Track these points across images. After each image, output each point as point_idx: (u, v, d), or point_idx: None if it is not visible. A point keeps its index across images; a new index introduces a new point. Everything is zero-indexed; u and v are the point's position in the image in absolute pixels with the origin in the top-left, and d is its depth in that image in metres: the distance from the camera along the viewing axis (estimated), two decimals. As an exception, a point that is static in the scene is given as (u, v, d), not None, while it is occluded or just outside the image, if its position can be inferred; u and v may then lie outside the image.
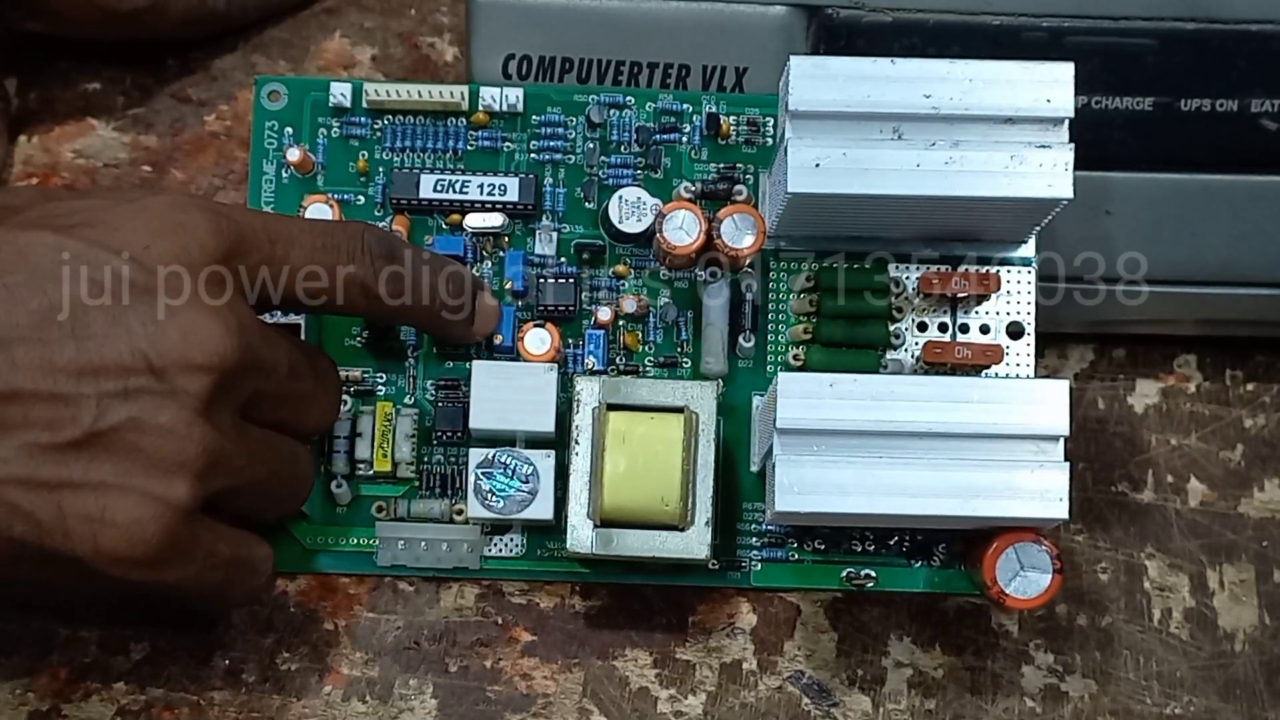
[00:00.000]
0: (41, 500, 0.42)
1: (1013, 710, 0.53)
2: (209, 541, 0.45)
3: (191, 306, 0.43)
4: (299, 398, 0.48)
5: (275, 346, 0.46)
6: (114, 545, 0.43)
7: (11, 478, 0.42)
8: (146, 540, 0.43)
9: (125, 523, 0.43)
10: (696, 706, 0.52)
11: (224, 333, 0.43)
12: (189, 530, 0.44)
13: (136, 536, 0.43)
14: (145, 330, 0.42)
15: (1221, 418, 0.56)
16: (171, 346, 0.43)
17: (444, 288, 0.49)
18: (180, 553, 0.44)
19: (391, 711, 0.52)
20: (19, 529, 0.43)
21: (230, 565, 0.47)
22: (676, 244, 0.51)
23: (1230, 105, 0.53)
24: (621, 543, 0.49)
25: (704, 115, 0.53)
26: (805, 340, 0.52)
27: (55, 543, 0.43)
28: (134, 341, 0.42)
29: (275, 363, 0.46)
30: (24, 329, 0.42)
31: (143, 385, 0.42)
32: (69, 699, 0.51)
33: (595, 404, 0.50)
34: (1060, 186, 0.47)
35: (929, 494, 0.47)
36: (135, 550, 0.43)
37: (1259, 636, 0.54)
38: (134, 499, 0.43)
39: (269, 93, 0.54)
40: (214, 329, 0.43)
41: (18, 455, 0.42)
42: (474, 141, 0.54)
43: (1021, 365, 0.52)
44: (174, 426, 0.43)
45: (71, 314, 0.42)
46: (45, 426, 0.42)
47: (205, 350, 0.43)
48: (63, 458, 0.42)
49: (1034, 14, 0.52)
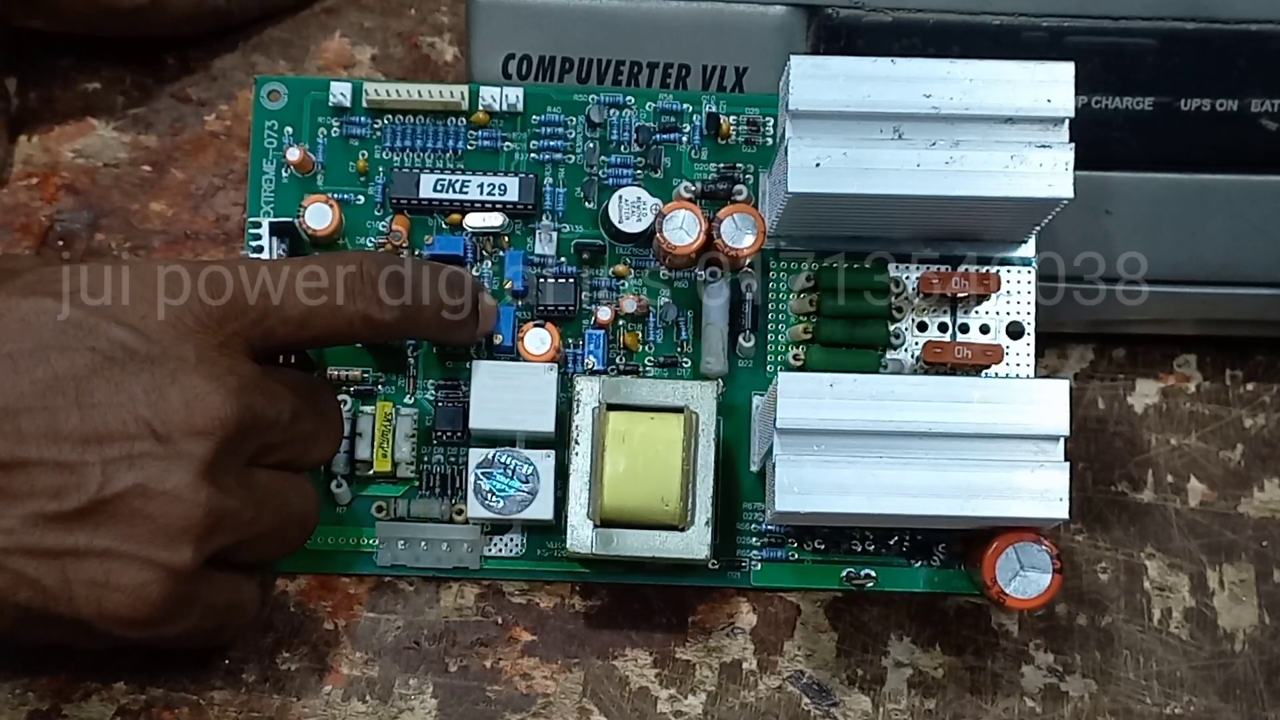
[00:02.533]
0: (47, 568, 0.43)
1: (1013, 710, 0.53)
2: (207, 594, 0.46)
3: (192, 371, 0.44)
4: (301, 438, 0.48)
5: (277, 399, 0.46)
6: (118, 609, 0.44)
7: (17, 547, 0.43)
8: (150, 603, 0.44)
9: (130, 588, 0.44)
10: (696, 706, 0.52)
11: (224, 396, 0.44)
12: (190, 590, 0.45)
13: (140, 600, 0.44)
14: (148, 397, 0.43)
15: (1221, 418, 0.56)
16: (174, 412, 0.43)
17: (445, 291, 0.49)
18: (181, 610, 0.45)
19: (391, 711, 0.52)
20: (24, 595, 0.43)
21: (224, 611, 0.48)
22: (676, 244, 0.50)
23: (1230, 105, 0.53)
24: (621, 543, 0.49)
25: (704, 115, 0.53)
26: (805, 340, 0.52)
27: (60, 608, 0.44)
28: (137, 409, 0.43)
29: (278, 415, 0.46)
30: (29, 398, 0.43)
31: (147, 451, 0.43)
32: (69, 699, 0.51)
33: (595, 404, 0.50)
34: (1060, 186, 0.47)
35: (929, 494, 0.47)
36: (139, 613, 0.44)
37: (1259, 636, 0.54)
38: (138, 565, 0.44)
39: (269, 92, 0.54)
40: (215, 392, 0.44)
41: (24, 525, 0.43)
42: (474, 141, 0.54)
43: (1021, 365, 0.52)
44: (179, 492, 0.43)
45: (75, 383, 0.43)
46: (51, 495, 0.43)
47: (207, 414, 0.44)
48: (68, 526, 0.43)
49: (1034, 14, 0.52)
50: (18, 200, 0.55)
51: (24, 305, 0.43)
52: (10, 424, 0.42)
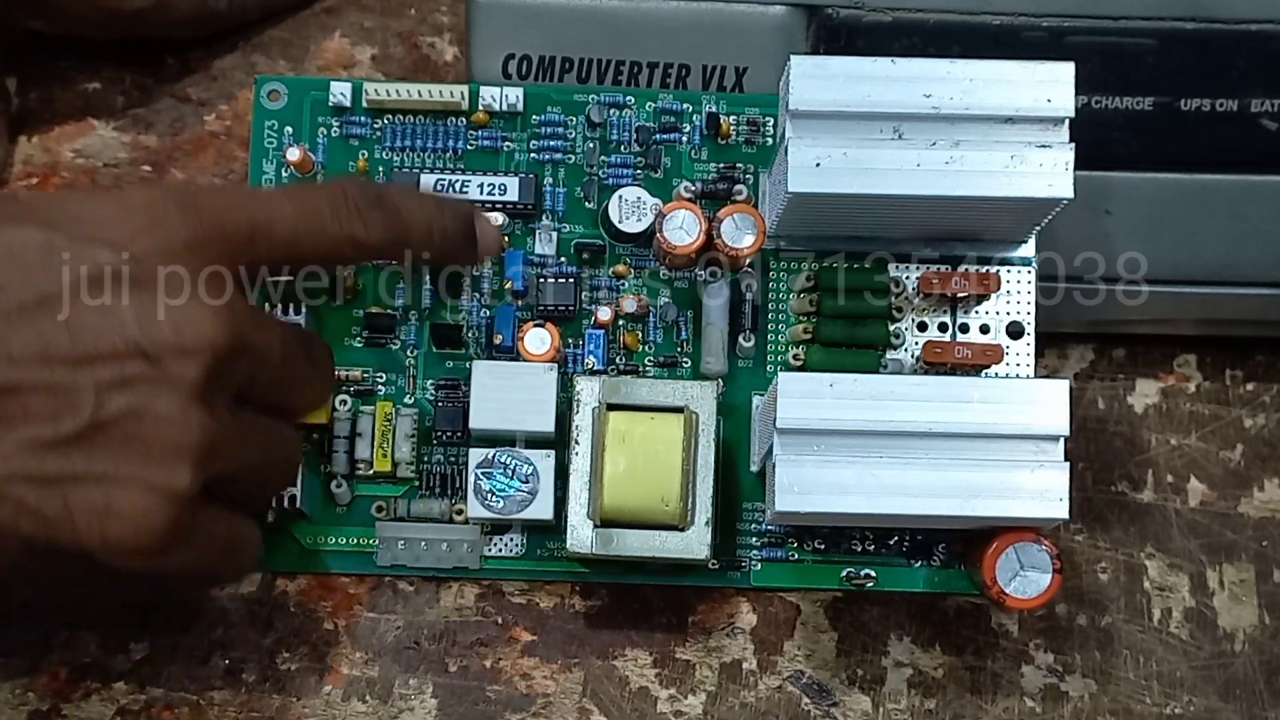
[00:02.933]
0: (48, 496, 0.43)
1: (1013, 710, 0.53)
2: (206, 525, 0.46)
3: (180, 293, 0.43)
4: (291, 381, 0.48)
5: (268, 330, 0.46)
6: (121, 536, 0.43)
7: (16, 474, 0.42)
8: (153, 529, 0.43)
9: (131, 513, 0.43)
10: (696, 706, 0.52)
11: (214, 318, 0.43)
12: (190, 516, 0.44)
13: (143, 526, 0.43)
14: (137, 319, 0.43)
15: (1221, 418, 0.56)
16: (164, 334, 0.43)
17: (433, 209, 0.49)
18: (183, 539, 0.44)
19: (391, 711, 0.52)
20: (26, 525, 0.43)
21: (224, 547, 0.47)
22: (676, 244, 0.51)
23: (1230, 105, 0.53)
24: (621, 543, 0.49)
25: (704, 115, 0.53)
26: (805, 340, 0.52)
27: (63, 537, 0.43)
28: (127, 331, 0.43)
29: (268, 346, 0.46)
30: (18, 323, 0.42)
31: (138, 373, 0.43)
32: (69, 699, 0.51)
33: (595, 404, 0.50)
34: (1060, 186, 0.47)
35: (929, 494, 0.47)
36: (142, 540, 0.43)
37: (1259, 636, 0.54)
38: (138, 489, 0.43)
39: (269, 92, 0.54)
40: (204, 314, 0.43)
41: (20, 451, 0.42)
42: (474, 141, 0.54)
43: (1021, 365, 0.52)
44: (171, 413, 0.43)
45: (63, 306, 0.42)
46: (45, 419, 0.42)
47: (197, 335, 0.43)
48: (65, 451, 0.42)
49: (1034, 14, 0.52)
50: (18, 200, 0.55)
51: (9, 234, 0.43)
52: (1, 349, 0.42)
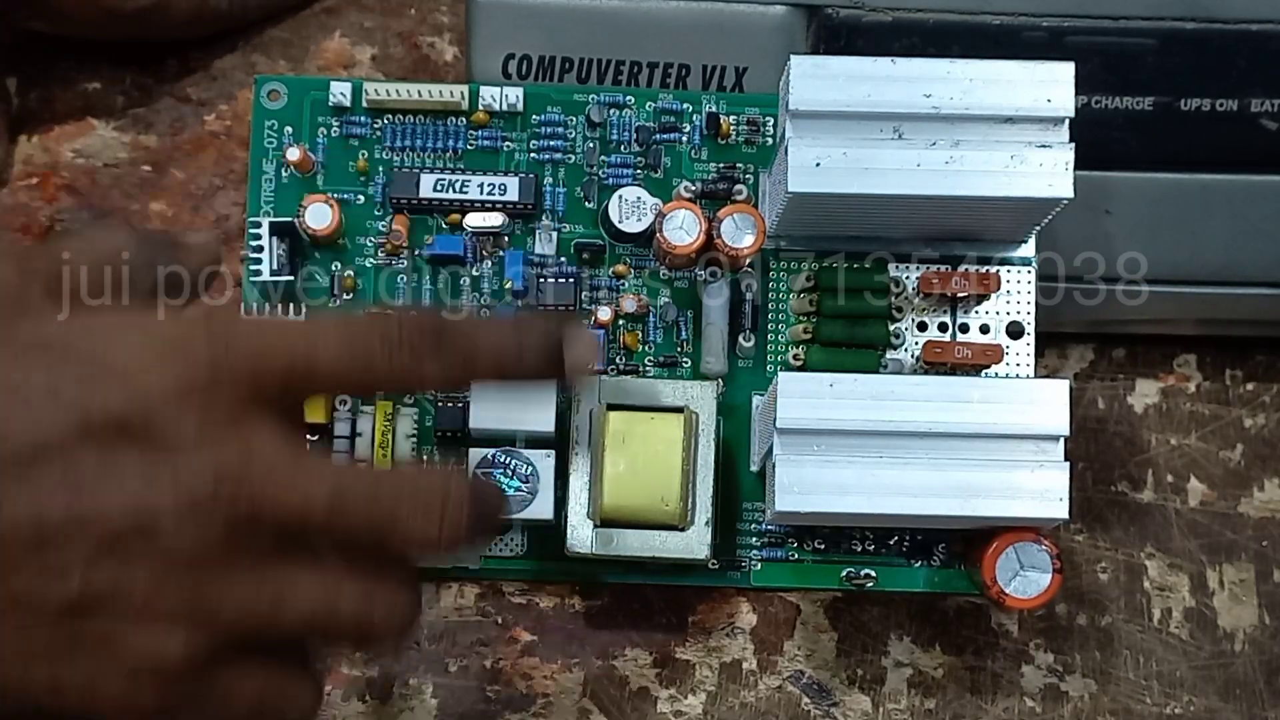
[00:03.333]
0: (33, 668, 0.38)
1: (1013, 710, 0.53)
2: (229, 682, 0.40)
3: (195, 445, 0.38)
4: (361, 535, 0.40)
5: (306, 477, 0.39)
6: (112, 709, 0.39)
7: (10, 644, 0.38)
8: (141, 708, 0.39)
9: (118, 690, 0.39)
10: (696, 706, 0.52)
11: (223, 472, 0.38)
12: (191, 687, 0.40)
13: (131, 704, 0.39)
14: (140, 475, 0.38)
15: (1221, 417, 0.55)
16: (164, 495, 0.38)
17: (512, 346, 0.42)
18: (187, 705, 0.40)
19: (391, 711, 0.52)
20: (13, 698, 0.38)
21: (253, 707, 0.41)
22: (676, 244, 0.51)
23: (1230, 105, 0.53)
24: (621, 543, 0.49)
25: (704, 115, 0.53)
26: (805, 340, 0.52)
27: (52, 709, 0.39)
28: (126, 488, 0.37)
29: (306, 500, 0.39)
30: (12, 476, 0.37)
31: (135, 540, 0.38)
32: (69, 699, 0.51)
33: (595, 404, 0.50)
34: (1060, 186, 0.47)
35: (929, 494, 0.47)
36: (131, 716, 0.39)
37: (1259, 636, 0.54)
38: (124, 662, 0.38)
39: (269, 92, 0.54)
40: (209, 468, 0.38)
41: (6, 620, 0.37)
42: (474, 141, 0.54)
43: (1021, 365, 0.52)
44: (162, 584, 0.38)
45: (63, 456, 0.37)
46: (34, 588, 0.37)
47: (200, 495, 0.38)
48: (53, 622, 0.38)
49: (1034, 14, 0.52)
50: (18, 200, 0.55)
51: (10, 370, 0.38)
52: None
